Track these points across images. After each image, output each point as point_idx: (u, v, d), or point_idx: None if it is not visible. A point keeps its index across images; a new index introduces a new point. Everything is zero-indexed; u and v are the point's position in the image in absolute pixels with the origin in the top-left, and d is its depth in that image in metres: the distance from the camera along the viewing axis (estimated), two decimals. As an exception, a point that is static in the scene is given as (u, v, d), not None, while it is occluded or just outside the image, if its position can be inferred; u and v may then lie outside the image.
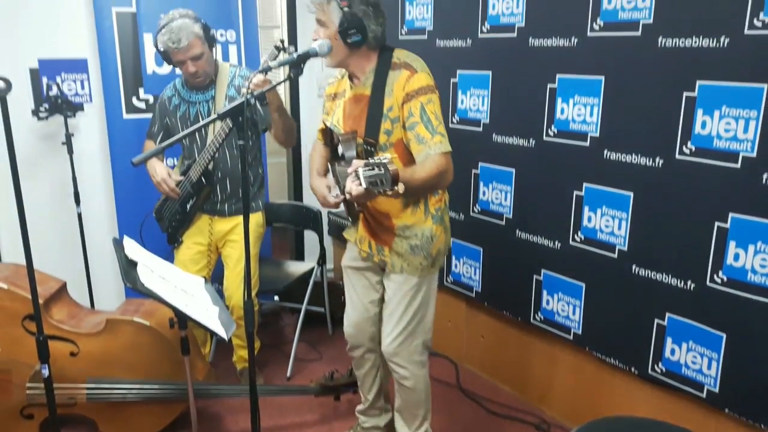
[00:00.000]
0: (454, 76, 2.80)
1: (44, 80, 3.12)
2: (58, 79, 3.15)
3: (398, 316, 2.13)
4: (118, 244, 2.14)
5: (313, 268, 3.33)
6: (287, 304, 3.68)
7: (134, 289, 1.94)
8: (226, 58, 3.27)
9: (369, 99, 1.99)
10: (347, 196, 1.69)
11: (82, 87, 3.24)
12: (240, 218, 2.71)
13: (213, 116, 1.81)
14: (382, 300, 2.23)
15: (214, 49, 2.64)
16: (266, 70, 1.82)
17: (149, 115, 2.87)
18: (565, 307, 2.51)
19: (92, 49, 3.18)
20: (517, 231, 2.65)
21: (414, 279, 2.10)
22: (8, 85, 1.70)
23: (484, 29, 2.62)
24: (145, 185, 2.76)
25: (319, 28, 1.95)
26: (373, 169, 1.57)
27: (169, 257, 2.63)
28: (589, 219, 2.34)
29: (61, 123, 3.07)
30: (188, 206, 2.71)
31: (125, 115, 3.18)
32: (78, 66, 3.22)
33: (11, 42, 3.06)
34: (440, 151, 1.88)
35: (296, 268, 3.39)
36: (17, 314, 2.33)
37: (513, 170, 2.62)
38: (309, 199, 3.78)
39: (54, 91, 3.06)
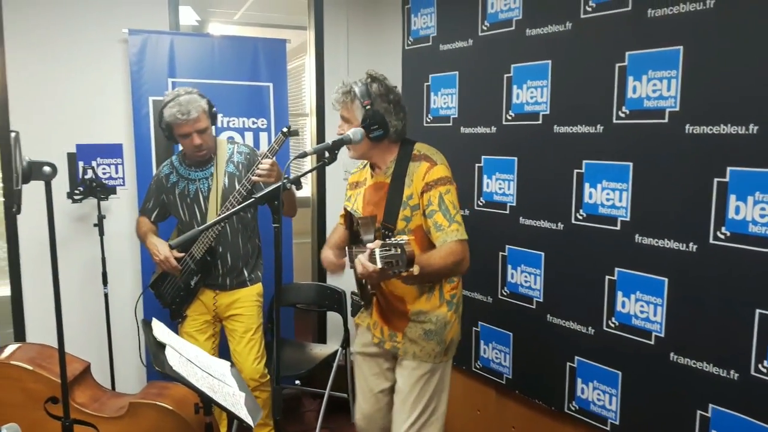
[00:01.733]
0: (479, 161, 2.84)
1: (80, 164, 3.23)
2: (94, 164, 3.26)
3: (411, 404, 2.10)
4: (147, 326, 2.13)
5: (336, 351, 3.27)
6: (309, 389, 3.59)
7: (162, 372, 1.91)
8: (257, 144, 3.38)
9: (389, 186, 2.07)
10: (361, 274, 1.73)
11: (117, 171, 3.34)
12: (242, 291, 2.77)
13: (251, 199, 1.85)
14: (392, 389, 2.21)
15: (213, 126, 2.70)
16: (302, 156, 1.88)
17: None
18: (601, 395, 2.41)
19: (128, 134, 3.31)
20: (548, 315, 2.60)
21: (427, 366, 2.10)
22: (54, 170, 1.77)
23: (509, 117, 2.69)
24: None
25: (344, 123, 2.09)
26: (390, 249, 1.62)
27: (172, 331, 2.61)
28: (623, 304, 2.29)
29: (94, 205, 3.15)
30: (192, 283, 2.71)
31: (156, 198, 3.26)
32: (114, 151, 3.33)
33: (52, 127, 3.19)
34: (456, 239, 1.95)
35: (319, 351, 3.34)
36: (40, 396, 2.29)
37: (542, 253, 2.60)
38: (333, 280, 3.77)
39: (89, 174, 3.16)
